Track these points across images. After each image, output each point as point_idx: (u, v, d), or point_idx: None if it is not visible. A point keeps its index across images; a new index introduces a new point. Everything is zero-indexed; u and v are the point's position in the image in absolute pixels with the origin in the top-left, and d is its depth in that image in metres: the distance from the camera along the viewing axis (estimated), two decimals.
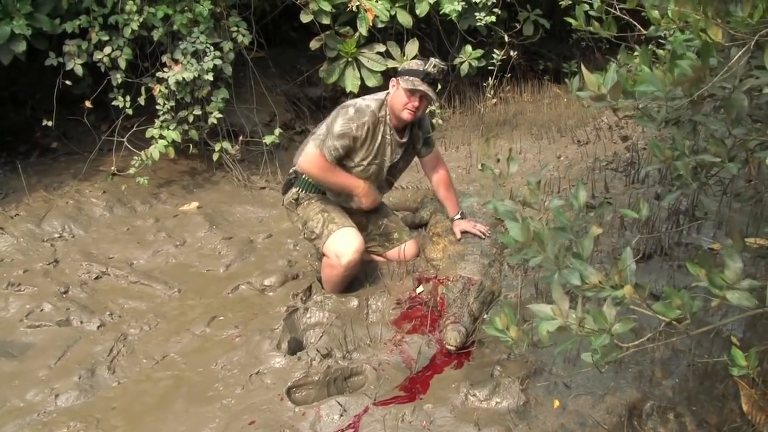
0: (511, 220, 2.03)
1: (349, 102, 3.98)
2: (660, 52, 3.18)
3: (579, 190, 2.05)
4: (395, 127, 4.01)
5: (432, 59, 3.88)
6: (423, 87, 3.79)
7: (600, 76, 2.26)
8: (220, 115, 5.89)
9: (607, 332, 1.72)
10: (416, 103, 3.84)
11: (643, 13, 2.71)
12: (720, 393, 2.92)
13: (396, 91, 3.90)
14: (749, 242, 3.30)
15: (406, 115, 3.87)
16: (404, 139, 4.08)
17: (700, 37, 2.09)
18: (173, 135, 5.67)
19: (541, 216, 2.31)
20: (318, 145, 3.90)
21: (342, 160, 3.95)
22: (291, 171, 4.25)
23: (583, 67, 2.15)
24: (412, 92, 3.81)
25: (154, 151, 5.61)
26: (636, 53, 2.91)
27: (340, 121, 3.86)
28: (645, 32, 2.97)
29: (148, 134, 5.69)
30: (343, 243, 3.91)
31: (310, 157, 3.93)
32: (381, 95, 4.04)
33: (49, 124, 5.58)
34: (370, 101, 3.97)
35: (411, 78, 3.81)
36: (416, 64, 3.86)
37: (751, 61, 2.01)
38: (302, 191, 4.15)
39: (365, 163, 3.99)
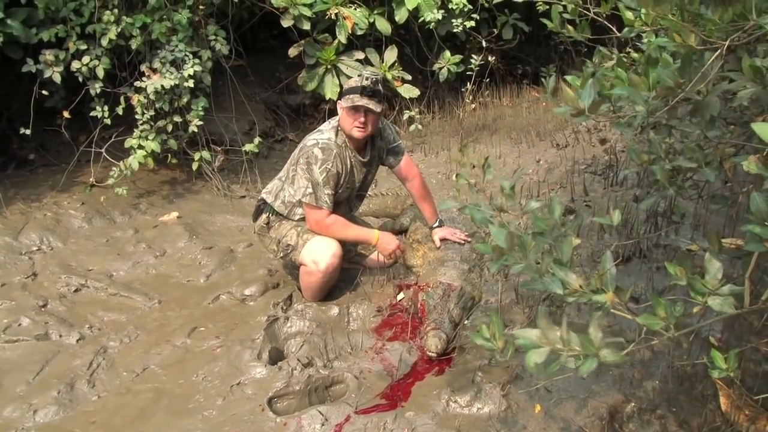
0: (487, 226, 2.03)
1: (309, 142, 3.95)
2: (635, 55, 3.20)
3: (554, 204, 2.05)
4: (355, 149, 4.01)
5: (365, 72, 3.87)
6: (362, 101, 3.78)
7: (576, 78, 2.27)
8: (200, 123, 5.86)
9: (595, 356, 1.71)
10: (361, 119, 3.83)
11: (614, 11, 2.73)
12: (699, 393, 2.94)
13: (342, 113, 3.90)
14: (726, 243, 3.32)
15: (356, 133, 3.87)
16: (367, 158, 4.10)
17: (674, 40, 2.11)
18: (152, 145, 5.63)
19: (519, 221, 2.32)
20: (311, 202, 3.89)
21: None
22: (259, 198, 4.24)
23: (563, 84, 2.16)
24: (354, 109, 3.82)
25: (133, 161, 5.57)
26: (612, 56, 2.94)
27: (316, 169, 3.85)
28: (619, 35, 2.99)
29: (127, 144, 5.65)
30: (320, 248, 3.91)
31: (313, 219, 3.94)
32: (334, 122, 4.04)
33: (27, 132, 5.52)
34: (326, 133, 3.97)
35: (350, 96, 3.81)
36: (354, 81, 3.87)
37: (724, 65, 2.03)
38: (272, 215, 4.14)
39: (340, 191, 4.00)
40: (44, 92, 5.56)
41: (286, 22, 6.54)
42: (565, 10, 2.97)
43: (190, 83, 5.64)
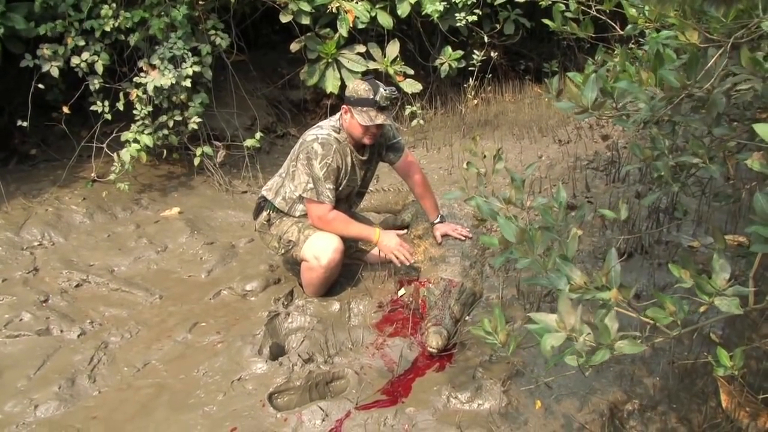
0: (494, 218, 2.02)
1: (308, 138, 3.94)
2: (638, 52, 3.19)
3: (559, 192, 2.04)
4: (355, 147, 4.01)
5: (380, 89, 3.77)
6: (379, 120, 3.76)
7: (578, 75, 2.26)
8: (199, 120, 5.85)
9: (610, 347, 1.70)
10: (374, 130, 3.85)
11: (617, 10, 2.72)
12: (700, 390, 2.94)
13: (351, 119, 3.85)
14: (728, 240, 3.32)
15: (367, 140, 3.89)
16: (366, 156, 4.09)
17: (678, 38, 2.10)
18: (146, 140, 5.61)
19: (523, 215, 2.31)
20: (312, 197, 3.88)
21: None
22: (260, 196, 4.24)
23: (567, 81, 2.15)
24: (369, 125, 3.80)
25: (125, 154, 5.54)
26: (616, 52, 2.93)
27: (317, 164, 3.84)
28: (622, 32, 2.98)
29: (123, 137, 5.64)
30: (322, 244, 3.90)
31: (315, 215, 3.94)
32: (334, 120, 4.02)
33: (25, 125, 5.52)
34: (326, 130, 3.95)
35: (365, 109, 3.76)
36: (365, 91, 3.77)
37: (728, 62, 2.02)
38: (273, 212, 4.14)
39: (340, 187, 4.00)
40: (41, 86, 5.55)
41: (285, 18, 6.52)
42: (567, 9, 2.96)
43: (188, 83, 5.63)
